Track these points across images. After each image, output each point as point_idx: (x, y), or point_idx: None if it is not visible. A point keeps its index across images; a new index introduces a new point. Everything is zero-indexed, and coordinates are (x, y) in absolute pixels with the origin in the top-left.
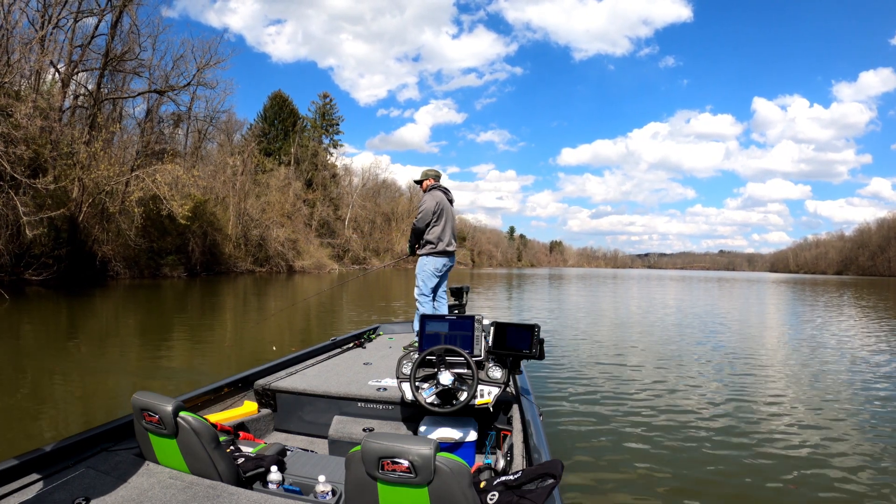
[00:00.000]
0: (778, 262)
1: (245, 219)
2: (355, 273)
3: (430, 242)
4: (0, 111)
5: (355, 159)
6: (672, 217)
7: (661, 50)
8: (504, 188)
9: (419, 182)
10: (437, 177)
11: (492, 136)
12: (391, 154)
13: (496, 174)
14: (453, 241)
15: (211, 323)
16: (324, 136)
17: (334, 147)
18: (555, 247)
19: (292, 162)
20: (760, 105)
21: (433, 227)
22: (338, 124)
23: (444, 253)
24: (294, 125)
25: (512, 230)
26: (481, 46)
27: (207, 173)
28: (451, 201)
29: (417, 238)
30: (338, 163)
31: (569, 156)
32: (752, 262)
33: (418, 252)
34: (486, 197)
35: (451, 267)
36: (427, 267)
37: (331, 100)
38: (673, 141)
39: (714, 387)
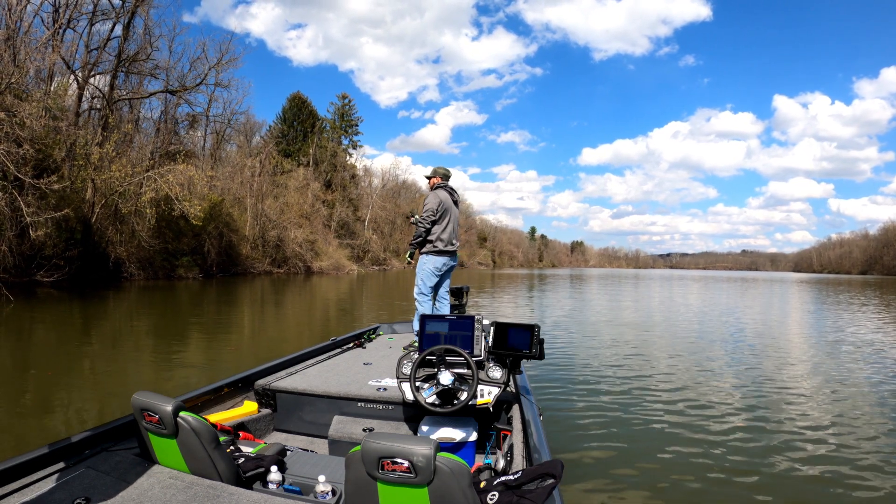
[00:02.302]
0: (801, 262)
1: (262, 220)
2: (375, 274)
3: (430, 241)
4: (4, 110)
5: (376, 161)
6: (694, 217)
7: (680, 49)
8: (525, 188)
9: (429, 178)
10: (446, 176)
11: (512, 136)
12: (412, 155)
13: (517, 175)
14: (454, 240)
15: (227, 324)
16: (343, 136)
17: (353, 148)
18: (576, 247)
19: (311, 163)
20: (781, 103)
21: (435, 225)
22: (357, 125)
23: (444, 252)
24: (313, 126)
25: (533, 230)
26: (501, 48)
27: (225, 174)
28: (455, 202)
29: (425, 236)
30: (357, 164)
31: (589, 156)
32: (775, 261)
33: (419, 251)
34: (507, 197)
35: (452, 266)
36: (427, 266)
37: (349, 101)
38: (693, 140)
39: (723, 388)
